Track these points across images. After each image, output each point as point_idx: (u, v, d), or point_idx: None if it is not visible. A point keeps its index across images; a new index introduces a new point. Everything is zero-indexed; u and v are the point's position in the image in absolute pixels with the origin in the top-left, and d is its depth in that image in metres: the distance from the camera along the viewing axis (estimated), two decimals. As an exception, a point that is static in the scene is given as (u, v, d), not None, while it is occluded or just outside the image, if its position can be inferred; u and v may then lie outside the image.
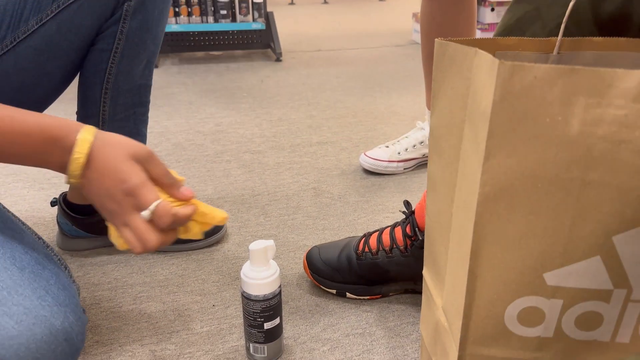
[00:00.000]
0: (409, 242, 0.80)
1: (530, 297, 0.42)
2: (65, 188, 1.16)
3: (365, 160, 1.26)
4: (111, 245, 0.97)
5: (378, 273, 0.82)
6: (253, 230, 1.03)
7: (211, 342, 0.75)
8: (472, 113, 0.41)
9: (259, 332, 0.68)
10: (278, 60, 2.33)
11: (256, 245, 0.65)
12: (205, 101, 1.78)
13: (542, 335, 0.44)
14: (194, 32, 2.38)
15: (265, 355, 0.70)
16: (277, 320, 0.69)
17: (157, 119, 1.61)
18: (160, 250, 0.96)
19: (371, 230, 0.91)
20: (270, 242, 0.65)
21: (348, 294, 0.84)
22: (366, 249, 0.83)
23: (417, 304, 0.83)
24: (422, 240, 0.78)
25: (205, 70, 2.19)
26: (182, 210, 0.55)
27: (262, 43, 2.48)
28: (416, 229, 0.79)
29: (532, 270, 0.41)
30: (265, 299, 0.66)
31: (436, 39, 0.46)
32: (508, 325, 0.43)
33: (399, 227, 0.83)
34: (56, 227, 1.03)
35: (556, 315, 0.43)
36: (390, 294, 0.84)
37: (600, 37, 0.48)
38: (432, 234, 0.54)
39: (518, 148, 0.38)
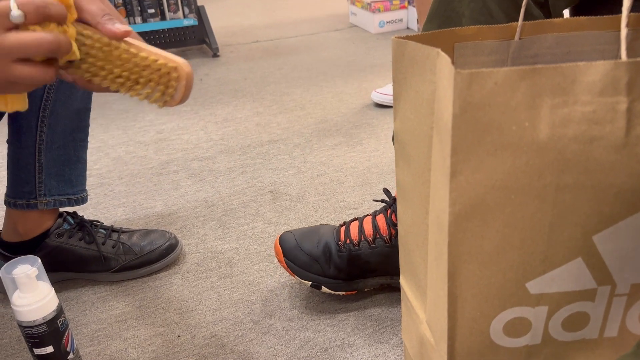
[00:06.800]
0: (393, 231, 0.75)
1: (515, 308, 0.40)
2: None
3: (377, 97, 1.52)
4: (59, 280, 0.89)
5: (358, 265, 0.77)
6: (211, 245, 0.98)
7: (182, 378, 0.70)
8: (438, 123, 0.38)
9: (32, 355, 0.68)
10: (215, 55, 2.24)
11: (18, 271, 0.61)
12: (142, 107, 1.68)
13: (530, 344, 0.42)
14: (122, 35, 2.25)
15: None
16: (48, 348, 0.66)
17: (92, 133, 1.51)
18: (112, 280, 0.90)
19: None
20: (28, 268, 0.61)
21: (324, 288, 0.78)
22: (347, 240, 0.78)
23: (392, 304, 0.81)
24: None
25: (140, 74, 2.08)
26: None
27: (197, 39, 2.38)
28: None
29: (513, 282, 0.39)
30: (28, 326, 0.64)
31: (393, 37, 0.42)
32: (494, 339, 0.41)
33: (382, 214, 0.77)
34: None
35: (542, 321, 0.41)
36: (366, 289, 0.81)
37: (561, 18, 0.45)
38: (407, 243, 0.51)
39: (485, 161, 0.35)
